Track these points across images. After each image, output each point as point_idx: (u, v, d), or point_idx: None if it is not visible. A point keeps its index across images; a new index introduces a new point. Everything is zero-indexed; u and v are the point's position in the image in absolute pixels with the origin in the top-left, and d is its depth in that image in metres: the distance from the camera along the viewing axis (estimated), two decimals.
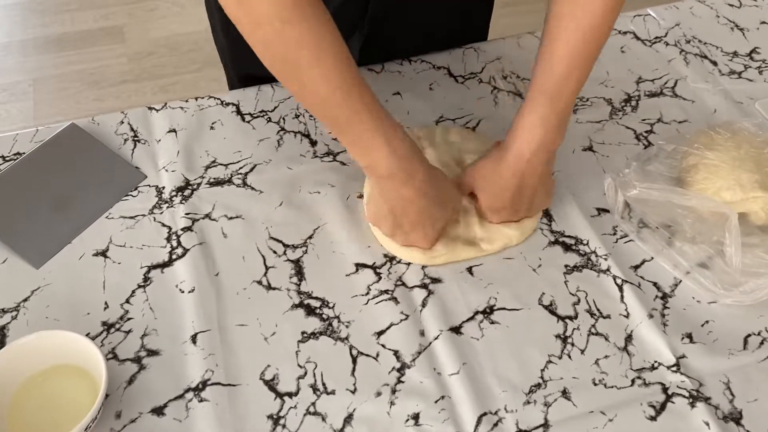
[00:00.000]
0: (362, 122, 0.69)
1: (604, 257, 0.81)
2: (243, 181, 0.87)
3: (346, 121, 0.70)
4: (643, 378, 0.71)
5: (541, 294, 0.78)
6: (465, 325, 0.75)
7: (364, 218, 0.83)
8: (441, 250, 0.79)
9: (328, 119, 0.72)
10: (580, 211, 0.85)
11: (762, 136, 0.86)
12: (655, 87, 1.00)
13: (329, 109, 0.70)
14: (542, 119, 0.74)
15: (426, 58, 1.03)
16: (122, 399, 0.69)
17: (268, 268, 0.79)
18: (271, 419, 0.68)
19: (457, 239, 0.80)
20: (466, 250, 0.79)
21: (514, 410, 0.69)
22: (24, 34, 2.33)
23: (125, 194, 0.85)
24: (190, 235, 0.81)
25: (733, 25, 1.10)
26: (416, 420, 0.68)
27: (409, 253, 0.79)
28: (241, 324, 0.74)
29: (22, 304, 0.75)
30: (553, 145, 0.77)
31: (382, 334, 0.74)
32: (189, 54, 2.26)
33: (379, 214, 0.78)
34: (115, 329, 0.74)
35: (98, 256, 0.79)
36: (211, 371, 0.71)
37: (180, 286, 0.77)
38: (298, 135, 0.92)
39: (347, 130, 0.71)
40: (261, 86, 0.98)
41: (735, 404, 0.70)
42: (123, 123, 0.93)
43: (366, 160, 0.72)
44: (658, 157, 0.87)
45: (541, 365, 0.72)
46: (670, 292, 0.78)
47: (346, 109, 0.69)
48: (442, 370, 0.72)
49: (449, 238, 0.80)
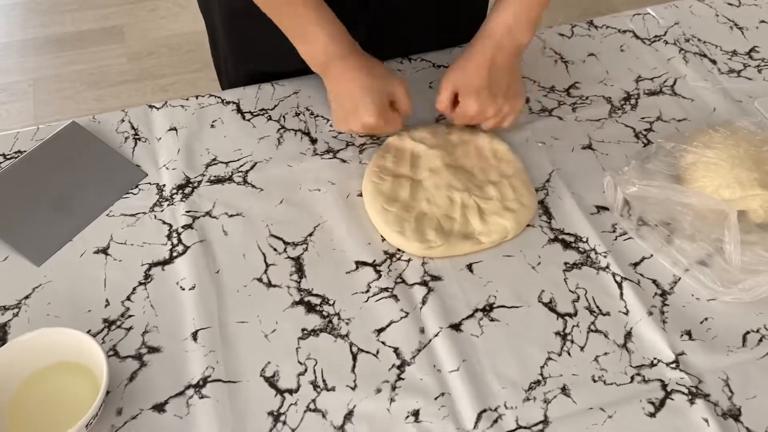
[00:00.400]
0: (303, 15, 0.81)
1: (603, 255, 0.81)
2: (243, 179, 0.87)
3: (288, 14, 0.82)
4: (642, 375, 0.72)
5: (540, 291, 0.78)
6: (465, 322, 0.75)
7: (364, 215, 0.83)
8: (437, 241, 0.79)
9: (273, 13, 0.83)
10: (579, 209, 0.85)
11: (761, 135, 0.86)
12: (655, 85, 1.00)
13: (274, 4, 0.82)
14: (515, 13, 0.83)
15: (426, 57, 1.03)
16: (123, 396, 0.69)
17: (269, 265, 0.79)
18: (272, 416, 0.68)
19: (455, 233, 0.80)
20: (463, 244, 0.80)
21: (513, 407, 0.69)
22: (24, 34, 2.34)
23: (126, 192, 0.85)
24: (191, 233, 0.81)
25: (732, 24, 1.10)
26: (416, 417, 0.68)
27: (406, 243, 0.79)
28: (242, 321, 0.75)
29: (23, 302, 0.75)
30: (522, 37, 0.84)
31: (382, 331, 0.74)
32: (189, 54, 2.26)
33: (335, 112, 0.86)
34: (116, 326, 0.74)
35: (99, 254, 0.80)
36: (212, 368, 0.71)
37: (181, 284, 0.77)
38: (298, 133, 0.93)
39: (290, 21, 0.82)
40: (261, 84, 0.98)
41: (734, 401, 0.70)
42: (123, 121, 0.93)
43: (306, 49, 0.83)
44: (657, 156, 0.87)
45: (541, 362, 0.72)
46: (669, 289, 0.78)
47: (288, 2, 0.81)
48: (442, 367, 0.72)
49: (446, 232, 0.80)
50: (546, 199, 0.86)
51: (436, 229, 0.80)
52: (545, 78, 1.01)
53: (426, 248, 0.79)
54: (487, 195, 0.84)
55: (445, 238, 0.80)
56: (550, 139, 0.93)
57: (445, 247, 0.79)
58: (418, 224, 0.81)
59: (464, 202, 0.83)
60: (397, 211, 0.81)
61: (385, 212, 0.81)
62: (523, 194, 0.84)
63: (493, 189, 0.84)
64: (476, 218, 0.82)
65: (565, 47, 1.06)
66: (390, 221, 0.81)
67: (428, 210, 0.82)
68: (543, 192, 0.87)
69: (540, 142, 0.92)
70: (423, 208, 0.83)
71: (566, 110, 0.97)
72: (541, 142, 0.92)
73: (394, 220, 0.81)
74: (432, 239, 0.79)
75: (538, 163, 0.90)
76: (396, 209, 0.82)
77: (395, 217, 0.81)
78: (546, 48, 1.05)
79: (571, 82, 1.01)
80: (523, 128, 0.94)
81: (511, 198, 0.83)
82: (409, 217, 0.81)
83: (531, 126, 0.94)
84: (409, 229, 0.80)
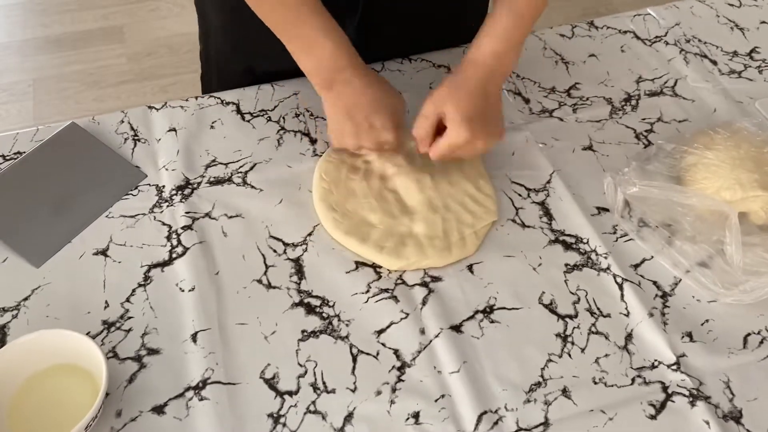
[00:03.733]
0: (308, 23, 0.78)
1: (604, 256, 0.81)
2: (243, 179, 0.87)
3: (294, 22, 0.78)
4: (643, 377, 0.71)
5: (541, 293, 0.78)
6: (465, 323, 0.75)
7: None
8: (412, 257, 0.78)
9: (277, 23, 0.80)
10: (580, 210, 0.85)
11: (762, 136, 0.86)
12: (655, 86, 1.00)
13: (279, 13, 0.79)
14: (506, 38, 0.80)
15: (426, 57, 1.03)
16: (123, 398, 0.69)
17: (268, 266, 0.79)
18: (272, 418, 0.68)
19: (427, 245, 0.79)
20: (437, 256, 0.78)
21: (514, 409, 0.69)
22: (24, 34, 2.33)
23: (125, 193, 0.85)
24: (191, 234, 0.81)
25: (733, 25, 1.10)
26: (416, 419, 0.68)
27: (381, 257, 0.78)
28: (242, 323, 0.74)
29: (22, 303, 0.75)
30: (511, 64, 0.82)
31: (382, 332, 0.74)
32: (189, 54, 2.26)
33: (340, 128, 0.82)
34: (116, 328, 0.74)
35: (98, 255, 0.79)
36: (212, 370, 0.71)
37: (180, 285, 0.77)
38: (298, 134, 0.92)
39: (296, 30, 0.79)
40: (261, 85, 0.98)
41: (735, 403, 0.70)
42: (123, 122, 0.93)
43: (311, 60, 0.80)
44: (657, 157, 0.87)
45: (542, 364, 0.72)
46: (670, 290, 0.78)
47: (295, 11, 0.78)
48: (442, 368, 0.72)
49: (419, 244, 0.79)
50: (546, 200, 0.86)
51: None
52: (546, 79, 1.01)
53: (396, 263, 0.78)
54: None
55: (418, 252, 0.78)
56: (550, 140, 0.93)
57: (417, 262, 0.78)
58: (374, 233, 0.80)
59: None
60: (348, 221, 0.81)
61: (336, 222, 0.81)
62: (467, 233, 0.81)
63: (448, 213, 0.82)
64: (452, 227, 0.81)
65: (565, 48, 1.05)
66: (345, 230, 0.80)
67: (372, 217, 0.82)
68: (543, 193, 0.87)
69: (540, 143, 0.92)
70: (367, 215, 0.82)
71: (567, 111, 0.96)
72: (541, 143, 0.92)
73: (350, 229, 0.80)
74: (407, 254, 0.78)
75: (538, 164, 0.90)
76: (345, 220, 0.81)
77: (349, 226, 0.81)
78: (546, 48, 1.05)
79: (572, 83, 1.00)
80: (523, 129, 0.94)
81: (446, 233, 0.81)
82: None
83: (531, 127, 0.94)
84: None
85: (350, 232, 0.80)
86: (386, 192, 0.84)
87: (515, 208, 0.85)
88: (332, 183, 0.84)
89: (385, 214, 0.82)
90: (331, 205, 0.82)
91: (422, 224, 0.81)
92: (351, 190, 0.84)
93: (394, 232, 0.80)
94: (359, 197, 0.83)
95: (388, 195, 0.84)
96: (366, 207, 0.82)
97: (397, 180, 0.84)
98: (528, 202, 0.86)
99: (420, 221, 0.81)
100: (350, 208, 0.82)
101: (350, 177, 0.85)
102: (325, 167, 0.86)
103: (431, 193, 0.83)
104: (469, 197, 0.83)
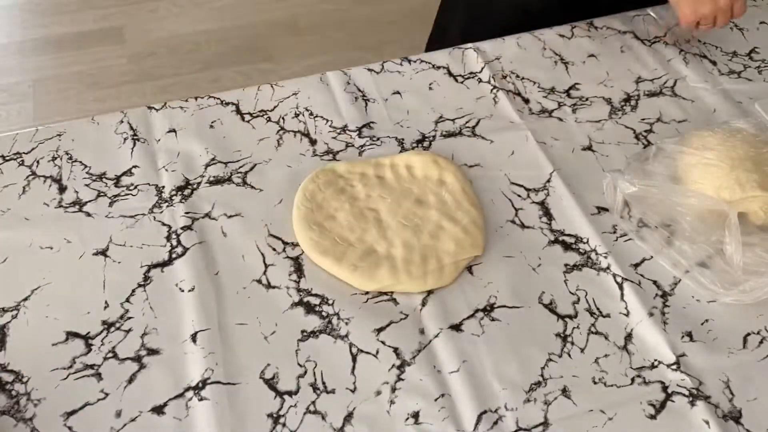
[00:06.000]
0: None
1: (603, 255, 0.81)
2: (243, 180, 0.87)
3: None
4: (642, 377, 0.71)
5: (541, 293, 0.78)
6: (465, 323, 0.75)
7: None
8: (384, 281, 0.76)
9: None
10: (579, 210, 0.85)
11: (761, 136, 0.86)
12: (655, 86, 1.00)
13: None
14: None
15: (425, 58, 1.03)
16: (122, 398, 0.69)
17: (268, 266, 0.79)
18: (271, 418, 0.68)
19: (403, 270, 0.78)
20: (411, 282, 0.77)
21: (514, 408, 0.69)
22: (23, 34, 2.33)
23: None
24: (190, 234, 0.81)
25: (732, 25, 1.10)
26: (416, 418, 0.68)
27: (353, 277, 0.77)
28: (241, 323, 0.74)
29: (22, 303, 0.75)
30: None
31: (381, 331, 0.74)
32: (189, 55, 2.26)
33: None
34: (116, 328, 0.74)
35: (98, 255, 0.79)
36: (211, 370, 0.71)
37: (180, 285, 0.77)
38: (297, 134, 0.92)
39: None
40: (261, 85, 0.98)
41: (735, 403, 0.70)
42: (123, 122, 0.93)
43: None
44: (657, 157, 0.87)
45: (541, 363, 0.72)
46: (670, 290, 0.78)
47: None
48: (442, 368, 0.72)
49: (394, 267, 0.78)
50: (546, 200, 0.86)
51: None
52: (545, 79, 1.01)
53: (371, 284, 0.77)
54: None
55: (393, 276, 0.77)
56: (550, 139, 0.93)
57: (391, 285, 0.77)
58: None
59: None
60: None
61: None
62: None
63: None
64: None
65: (565, 48, 1.06)
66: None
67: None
68: (543, 193, 0.87)
69: (540, 143, 0.92)
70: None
71: (566, 111, 0.97)
72: (541, 142, 0.92)
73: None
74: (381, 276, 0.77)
75: (538, 164, 0.90)
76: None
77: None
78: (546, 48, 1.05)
79: (571, 83, 1.01)
80: (522, 129, 0.94)
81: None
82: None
83: (531, 127, 0.94)
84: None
85: (327, 252, 0.78)
86: (368, 212, 0.83)
87: (515, 209, 0.85)
88: (314, 203, 0.83)
89: (364, 233, 0.80)
90: (310, 225, 0.81)
91: (401, 248, 0.79)
92: (333, 210, 0.82)
93: (371, 253, 0.79)
94: (339, 218, 0.82)
95: (369, 215, 0.82)
96: (345, 226, 0.81)
97: (381, 203, 0.83)
98: (527, 202, 0.86)
99: (399, 245, 0.79)
100: (329, 227, 0.81)
101: (334, 197, 0.83)
102: (310, 188, 0.84)
103: (416, 221, 0.82)
104: (461, 227, 0.81)
